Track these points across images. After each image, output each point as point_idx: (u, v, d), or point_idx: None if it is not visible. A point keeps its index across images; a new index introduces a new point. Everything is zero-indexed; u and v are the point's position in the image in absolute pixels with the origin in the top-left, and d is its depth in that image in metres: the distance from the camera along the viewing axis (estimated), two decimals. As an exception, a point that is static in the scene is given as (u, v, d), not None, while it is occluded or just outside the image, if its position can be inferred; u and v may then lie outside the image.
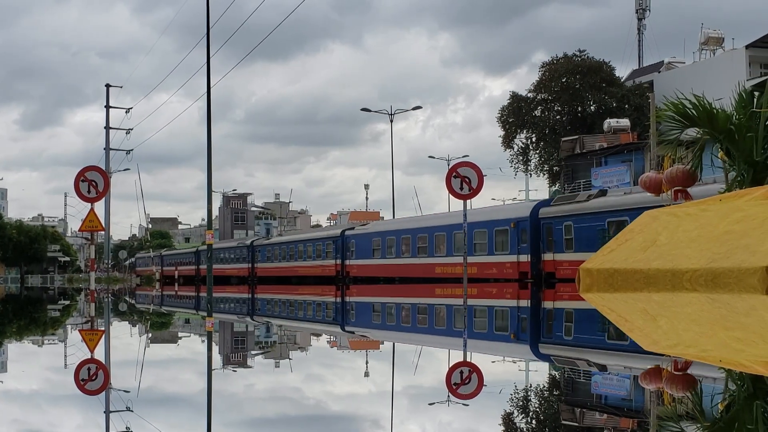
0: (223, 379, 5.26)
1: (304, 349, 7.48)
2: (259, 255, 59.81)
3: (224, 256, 65.35)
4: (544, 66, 63.82)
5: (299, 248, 53.60)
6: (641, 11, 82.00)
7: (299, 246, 53.89)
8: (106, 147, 62.24)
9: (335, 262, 48.06)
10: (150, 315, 14.33)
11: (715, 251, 11.20)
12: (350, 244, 47.01)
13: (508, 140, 64.94)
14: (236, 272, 62.47)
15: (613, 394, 4.48)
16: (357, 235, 46.93)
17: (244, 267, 61.79)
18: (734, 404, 3.87)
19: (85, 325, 11.00)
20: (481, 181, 17.11)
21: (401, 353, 7.25)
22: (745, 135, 14.38)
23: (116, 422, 3.63)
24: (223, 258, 64.79)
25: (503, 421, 3.63)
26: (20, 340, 8.42)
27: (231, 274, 62.69)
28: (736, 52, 59.37)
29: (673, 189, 15.58)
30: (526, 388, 4.67)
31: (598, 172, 47.89)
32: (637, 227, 13.93)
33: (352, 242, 46.85)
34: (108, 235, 66.08)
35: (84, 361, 6.15)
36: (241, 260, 62.52)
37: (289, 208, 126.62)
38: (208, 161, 30.86)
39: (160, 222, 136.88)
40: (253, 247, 61.31)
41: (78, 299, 23.07)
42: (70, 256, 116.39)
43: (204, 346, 7.99)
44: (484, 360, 6.33)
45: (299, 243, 54.38)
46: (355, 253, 46.20)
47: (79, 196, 19.54)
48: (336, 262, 48.09)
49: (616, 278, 12.67)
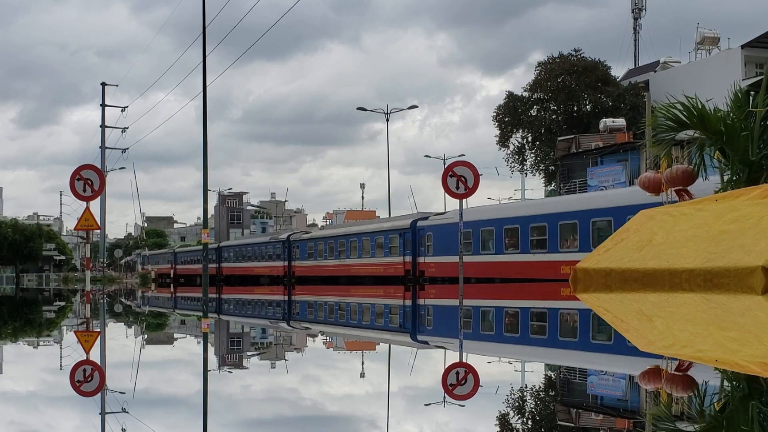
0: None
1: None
2: (297, 251, 52.87)
3: (253, 252, 59.67)
4: (540, 65, 63.90)
5: (352, 243, 46.10)
6: (637, 11, 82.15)
7: (352, 240, 46.29)
8: (101, 145, 62.20)
9: (403, 259, 40.89)
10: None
11: (711, 251, 11.22)
12: (425, 237, 39.27)
13: (504, 140, 65.01)
14: (268, 271, 56.13)
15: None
16: (435, 225, 38.77)
17: (278, 265, 55.02)
18: (729, 404, 3.88)
19: (80, 326, 10.98)
20: (476, 181, 17.12)
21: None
22: (740, 135, 14.40)
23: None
24: (250, 255, 59.73)
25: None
26: (15, 342, 8.40)
27: (261, 273, 56.81)
28: (732, 52, 59.49)
29: (673, 188, 15.60)
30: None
31: (594, 172, 47.95)
32: (632, 226, 13.94)
33: (428, 235, 39.05)
34: (103, 234, 66.08)
35: (80, 362, 6.14)
36: (275, 257, 55.82)
37: (285, 207, 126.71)
38: (204, 160, 30.84)
39: (155, 221, 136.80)
40: (290, 243, 54.25)
41: (73, 300, 23.03)
42: (66, 255, 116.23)
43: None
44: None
45: (352, 237, 46.66)
46: (432, 248, 38.46)
47: (75, 194, 19.52)
48: (404, 258, 40.74)
49: (612, 278, 12.68)
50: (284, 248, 54.34)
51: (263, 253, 57.92)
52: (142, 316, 13.70)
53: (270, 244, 57.54)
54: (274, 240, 57.68)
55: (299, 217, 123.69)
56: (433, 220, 39.62)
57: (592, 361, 5.99)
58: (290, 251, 53.76)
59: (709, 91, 15.65)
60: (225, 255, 64.92)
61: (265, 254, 57.47)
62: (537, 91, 63.08)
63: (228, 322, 11.98)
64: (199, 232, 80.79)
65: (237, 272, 60.76)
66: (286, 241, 54.53)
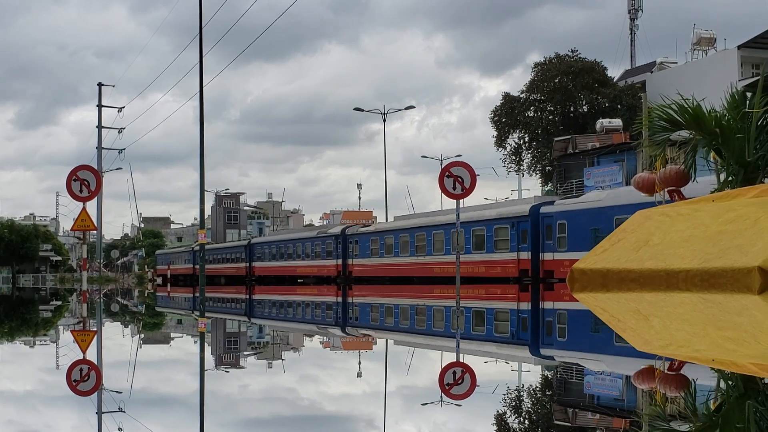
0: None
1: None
2: (357, 247, 46.20)
3: (294, 250, 52.91)
4: (537, 66, 63.93)
5: (436, 236, 38.32)
6: (634, 12, 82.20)
7: (436, 233, 38.36)
8: (98, 146, 62.16)
9: (517, 255, 33.20)
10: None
11: (708, 251, 11.23)
12: (554, 227, 31.86)
13: (501, 140, 65.03)
14: (315, 271, 49.95)
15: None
16: (571, 212, 31.04)
17: (329, 264, 48.70)
18: (725, 404, 3.88)
19: (76, 326, 10.96)
20: (473, 181, 17.12)
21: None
22: (735, 135, 14.42)
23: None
24: (290, 253, 53.24)
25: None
26: (12, 341, 8.39)
27: (306, 273, 50.86)
28: (728, 53, 59.52)
29: (666, 189, 15.65)
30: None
31: (591, 172, 47.95)
32: (629, 227, 13.95)
33: (560, 224, 31.50)
34: (100, 235, 65.93)
35: (76, 361, 6.13)
36: (324, 255, 49.23)
37: (281, 207, 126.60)
38: (201, 160, 30.83)
39: (152, 221, 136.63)
40: (345, 237, 47.46)
41: (70, 300, 23.00)
42: (62, 256, 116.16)
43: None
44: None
45: (436, 229, 38.53)
46: (566, 241, 31.06)
47: (72, 195, 19.49)
48: (518, 255, 33.23)
49: (609, 278, 12.69)
50: (338, 243, 47.69)
51: (309, 250, 51.26)
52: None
53: (319, 240, 50.42)
54: (323, 235, 50.43)
55: (296, 218, 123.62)
56: (565, 204, 32.20)
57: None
58: (346, 247, 47.16)
59: (705, 92, 15.66)
60: (258, 253, 59.31)
61: (312, 252, 50.86)
62: (534, 91, 63.10)
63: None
64: (195, 233, 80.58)
65: (273, 272, 55.30)
66: (341, 236, 47.68)
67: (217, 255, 66.93)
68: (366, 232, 46.17)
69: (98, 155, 61.50)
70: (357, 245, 46.12)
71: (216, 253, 67.40)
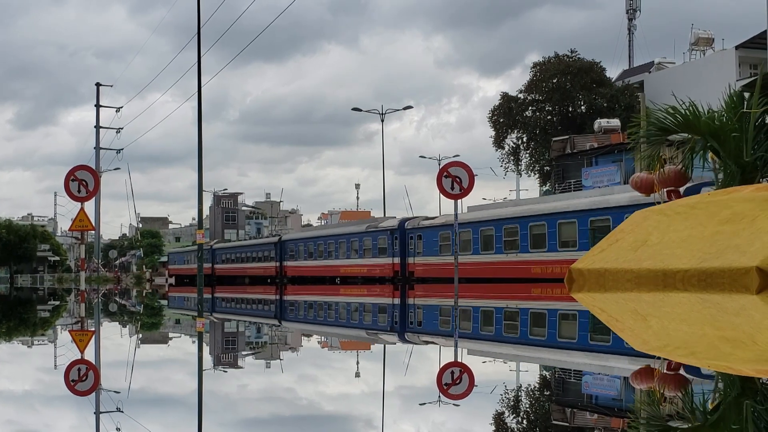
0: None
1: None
2: (419, 243, 40.40)
3: (349, 247, 45.95)
4: (535, 66, 63.97)
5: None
6: (632, 12, 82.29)
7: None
8: (96, 146, 62.13)
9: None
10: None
11: (706, 251, 11.24)
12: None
13: (499, 140, 65.06)
14: (365, 271, 44.02)
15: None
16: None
17: (383, 263, 42.70)
18: (722, 404, 3.88)
19: (74, 325, 10.95)
20: (471, 181, 17.13)
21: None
22: (731, 136, 14.43)
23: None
24: (342, 251, 46.68)
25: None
26: (9, 341, 8.38)
27: (353, 274, 44.96)
28: (726, 53, 59.61)
29: (665, 189, 15.68)
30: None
31: (589, 172, 47.95)
32: (628, 227, 13.96)
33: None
34: (98, 235, 65.93)
35: (74, 361, 6.12)
36: (377, 252, 43.36)
37: (280, 207, 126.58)
38: (199, 161, 30.83)
39: (150, 221, 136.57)
40: (404, 230, 41.69)
41: (68, 299, 22.98)
42: (60, 256, 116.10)
43: None
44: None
45: None
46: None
47: (70, 195, 19.49)
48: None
49: (607, 278, 12.70)
50: (394, 239, 41.80)
51: (356, 246, 44.75)
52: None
53: (369, 234, 43.99)
54: (374, 229, 43.78)
55: (294, 218, 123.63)
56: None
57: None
58: (405, 243, 41.29)
59: (703, 92, 15.70)
60: (290, 250, 53.03)
61: (360, 248, 44.38)
62: (532, 92, 63.15)
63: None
64: (194, 233, 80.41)
65: (310, 272, 49.47)
66: (398, 230, 41.48)
67: (240, 253, 62.36)
68: (430, 225, 39.71)
69: (96, 155, 61.51)
70: (420, 241, 39.95)
71: (239, 252, 62.91)
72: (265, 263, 57.17)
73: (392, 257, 42.01)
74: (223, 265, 63.96)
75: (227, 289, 35.52)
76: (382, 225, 43.94)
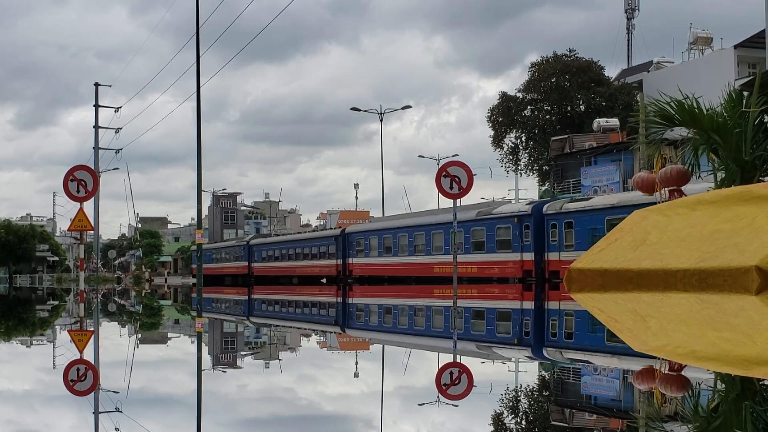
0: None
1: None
2: (569, 233, 33.19)
3: (472, 239, 37.00)
4: (534, 66, 63.96)
5: None
6: (630, 11, 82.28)
7: None
8: (95, 146, 62.12)
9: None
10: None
11: (705, 250, 11.24)
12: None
13: (498, 140, 65.06)
14: (475, 271, 36.39)
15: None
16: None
17: (505, 259, 35.41)
18: (722, 404, 3.88)
19: (73, 325, 10.93)
20: (470, 181, 17.12)
21: None
22: (731, 134, 14.43)
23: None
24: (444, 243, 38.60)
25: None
26: (8, 341, 8.38)
27: (482, 275, 36.37)
28: (725, 52, 59.62)
29: (666, 188, 15.65)
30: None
31: (588, 172, 47.97)
32: (626, 226, 13.95)
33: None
34: (97, 235, 65.93)
35: (72, 362, 6.12)
36: (497, 246, 35.77)
37: (278, 207, 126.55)
38: (198, 161, 30.85)
39: (149, 221, 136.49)
40: (541, 217, 34.34)
41: (67, 299, 22.96)
42: (59, 256, 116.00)
43: None
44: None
45: None
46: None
47: (68, 195, 19.47)
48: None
49: (607, 278, 12.69)
50: (524, 228, 34.41)
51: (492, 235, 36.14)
52: None
53: (496, 221, 36.09)
54: (502, 215, 35.97)
55: (293, 218, 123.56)
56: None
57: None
58: (542, 233, 33.99)
59: (702, 91, 15.67)
60: (357, 245, 46.52)
61: (493, 241, 36.28)
62: (531, 91, 63.15)
63: None
64: (193, 233, 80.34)
65: (400, 271, 41.58)
66: (531, 216, 34.13)
67: (287, 249, 54.18)
68: (590, 208, 31.93)
69: (95, 155, 61.52)
70: (571, 230, 32.55)
71: (284, 248, 54.60)
72: (321, 260, 49.24)
73: (521, 252, 34.53)
74: (264, 264, 56.65)
75: (277, 290, 31.48)
76: (502, 210, 36.27)
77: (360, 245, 45.67)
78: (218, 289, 33.69)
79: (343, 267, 46.60)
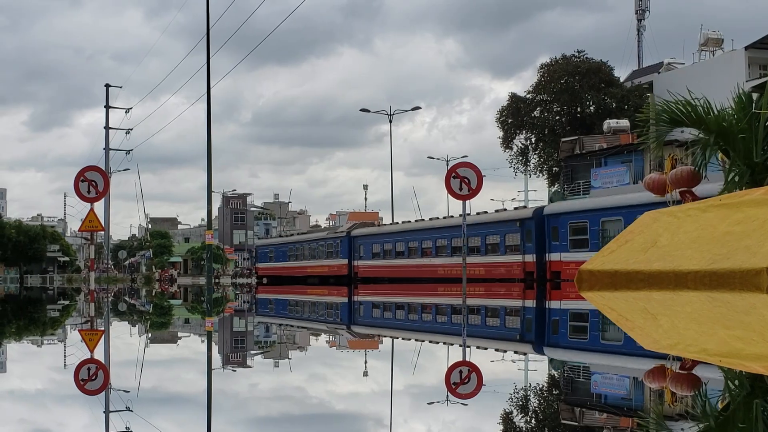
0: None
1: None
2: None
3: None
4: (544, 67, 63.82)
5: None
6: (641, 12, 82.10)
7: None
8: (105, 147, 62.27)
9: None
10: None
11: (716, 252, 11.21)
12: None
13: (508, 141, 64.95)
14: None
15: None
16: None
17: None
18: (733, 403, 3.87)
19: (84, 324, 10.96)
20: (480, 182, 17.11)
21: None
22: (739, 135, 14.39)
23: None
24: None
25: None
26: (19, 340, 8.41)
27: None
28: (736, 54, 59.40)
29: (677, 189, 15.61)
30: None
31: (598, 173, 47.81)
32: (637, 228, 13.93)
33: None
34: (107, 235, 66.09)
35: (84, 360, 6.13)
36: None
37: (288, 208, 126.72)
38: (208, 162, 30.92)
39: (159, 222, 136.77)
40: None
41: (77, 299, 23.02)
42: (70, 256, 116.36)
43: None
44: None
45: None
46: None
47: (79, 196, 19.54)
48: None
49: (618, 279, 12.67)
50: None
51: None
52: None
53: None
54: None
55: (302, 218, 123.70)
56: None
57: None
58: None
59: (713, 92, 15.64)
60: None
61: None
62: (540, 92, 63.01)
63: None
64: (203, 233, 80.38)
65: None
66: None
67: (414, 240, 44.32)
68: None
69: (106, 156, 61.66)
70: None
71: (408, 238, 44.74)
72: (503, 256, 37.34)
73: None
74: (372, 261, 46.92)
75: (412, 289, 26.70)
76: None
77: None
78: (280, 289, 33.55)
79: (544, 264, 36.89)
